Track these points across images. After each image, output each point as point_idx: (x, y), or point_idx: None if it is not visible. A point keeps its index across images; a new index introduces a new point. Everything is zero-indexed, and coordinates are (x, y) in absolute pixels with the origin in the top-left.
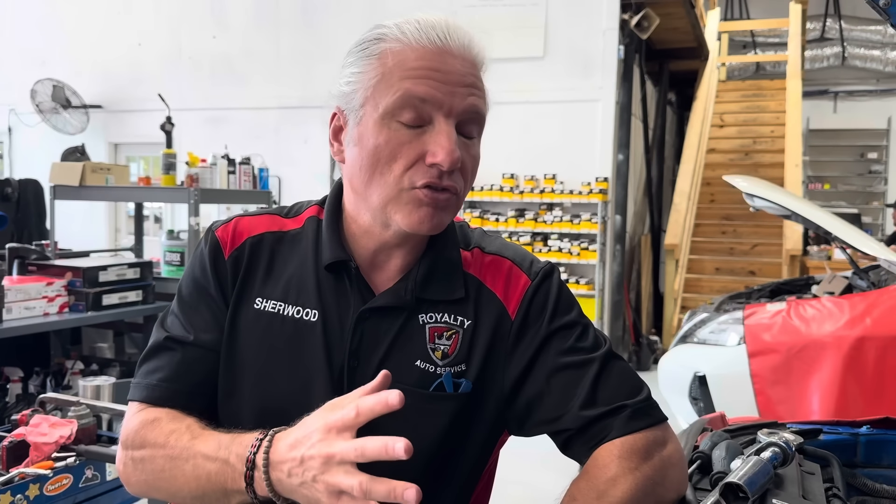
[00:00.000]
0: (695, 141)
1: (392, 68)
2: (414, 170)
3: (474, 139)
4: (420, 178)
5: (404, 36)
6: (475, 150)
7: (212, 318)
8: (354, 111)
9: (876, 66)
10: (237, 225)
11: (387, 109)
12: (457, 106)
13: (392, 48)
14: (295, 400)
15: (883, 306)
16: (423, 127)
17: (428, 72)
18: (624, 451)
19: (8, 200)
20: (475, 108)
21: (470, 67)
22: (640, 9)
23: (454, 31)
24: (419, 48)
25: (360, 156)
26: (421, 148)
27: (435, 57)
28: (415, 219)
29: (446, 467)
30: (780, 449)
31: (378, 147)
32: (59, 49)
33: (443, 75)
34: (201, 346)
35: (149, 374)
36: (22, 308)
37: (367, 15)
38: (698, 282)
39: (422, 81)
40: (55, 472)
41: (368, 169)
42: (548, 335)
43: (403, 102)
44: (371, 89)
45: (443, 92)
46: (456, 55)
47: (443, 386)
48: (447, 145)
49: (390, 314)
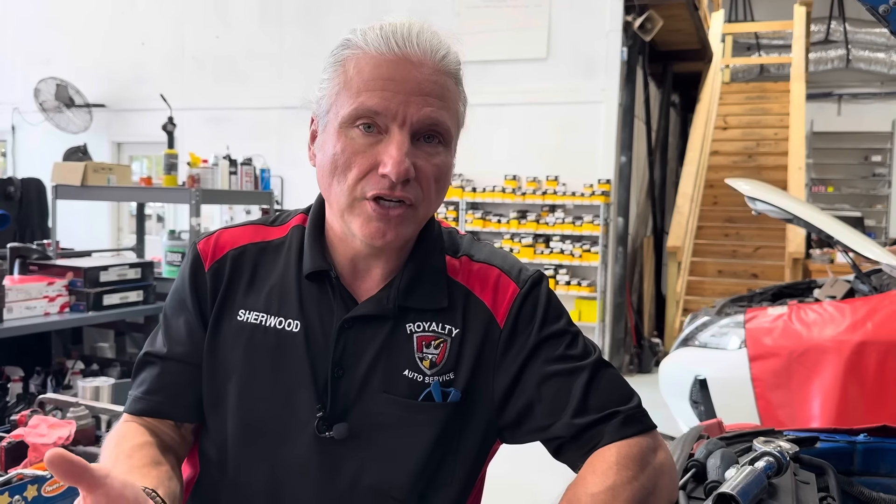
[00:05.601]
0: (698, 143)
1: (351, 77)
2: (366, 179)
3: (439, 147)
4: (371, 188)
5: (365, 43)
6: (440, 159)
7: (186, 331)
8: (322, 117)
9: (880, 68)
10: (219, 238)
11: (343, 119)
12: (411, 116)
13: (353, 55)
14: (278, 411)
15: (885, 311)
16: (379, 135)
17: (383, 82)
18: (621, 458)
19: (10, 199)
20: (432, 117)
21: (431, 74)
22: (643, 10)
23: (417, 37)
24: (376, 56)
25: (322, 162)
26: (374, 157)
27: (391, 66)
28: (367, 232)
29: (437, 477)
30: (775, 458)
31: (335, 155)
32: (63, 48)
33: (397, 84)
34: (175, 360)
35: (135, 388)
36: (23, 308)
37: (371, 15)
38: (700, 284)
39: (376, 93)
40: None
41: (328, 176)
42: (537, 343)
43: (358, 114)
44: (334, 97)
45: (396, 102)
46: (415, 62)
47: (431, 395)
48: (396, 156)
49: (374, 323)
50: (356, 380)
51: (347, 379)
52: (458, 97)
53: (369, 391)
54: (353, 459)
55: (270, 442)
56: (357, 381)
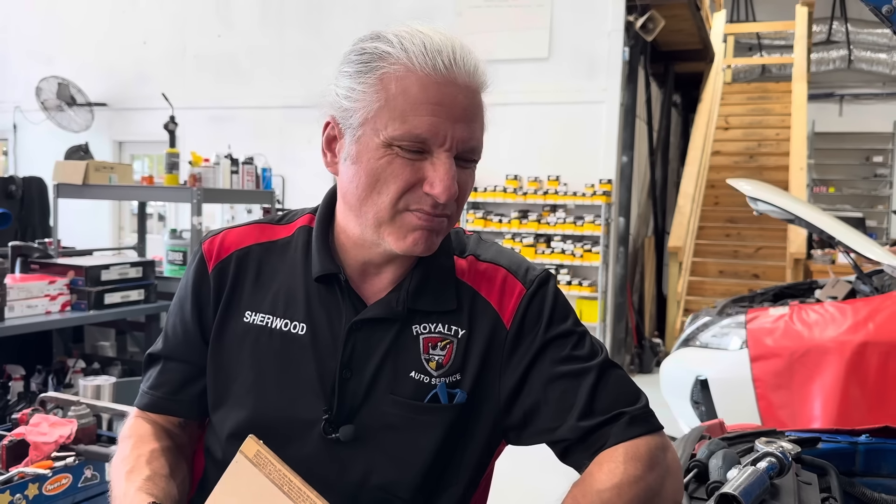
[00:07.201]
0: (699, 143)
1: (395, 96)
2: (410, 194)
3: (472, 165)
4: (415, 203)
5: (408, 59)
6: (470, 175)
7: (182, 331)
8: (352, 128)
9: (882, 69)
10: (224, 238)
11: (388, 138)
12: (457, 141)
13: (396, 73)
14: (284, 412)
15: (886, 311)
16: (422, 153)
17: (431, 107)
18: (628, 457)
19: (12, 198)
20: (472, 143)
21: (473, 97)
22: (645, 10)
23: (460, 58)
24: (423, 76)
25: (358, 174)
26: (419, 174)
27: (440, 89)
28: (408, 241)
29: (443, 479)
30: (777, 459)
31: (377, 170)
32: (65, 47)
33: (446, 110)
34: (172, 359)
35: (143, 383)
36: (24, 306)
37: (373, 14)
38: (702, 284)
39: (424, 119)
40: (54, 472)
41: (365, 188)
42: (543, 344)
43: (405, 136)
44: (373, 112)
45: (444, 128)
46: (461, 85)
47: (438, 397)
48: (446, 180)
49: (382, 325)
50: (363, 382)
51: (355, 381)
52: (485, 111)
53: (376, 393)
54: (360, 460)
55: (276, 443)
56: (364, 383)
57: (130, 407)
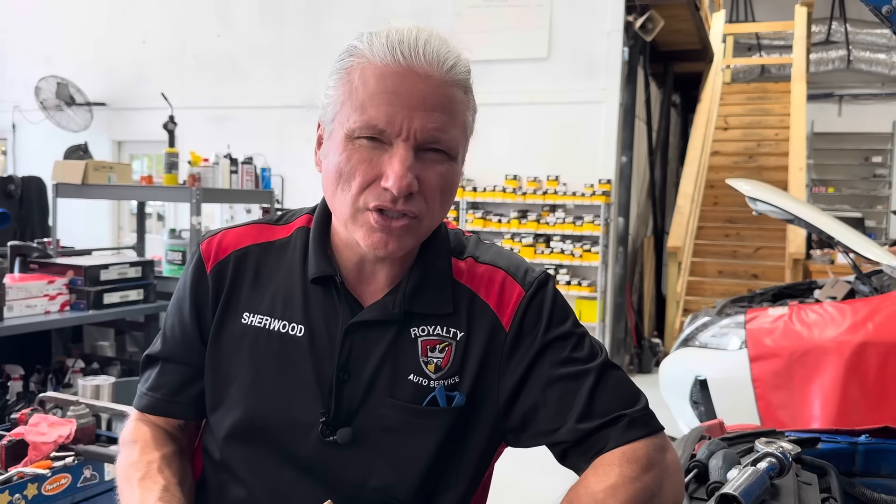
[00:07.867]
0: (699, 143)
1: (356, 88)
2: (369, 190)
3: (444, 158)
4: (373, 199)
5: (371, 52)
6: (445, 169)
7: (180, 332)
8: (328, 125)
9: (881, 69)
10: (223, 239)
11: (348, 130)
12: (415, 131)
13: (359, 64)
14: (282, 414)
15: (885, 312)
16: (384, 145)
17: (387, 96)
18: (625, 460)
19: (11, 198)
20: (436, 133)
21: (438, 87)
22: (644, 10)
23: (424, 47)
24: (382, 67)
25: (327, 170)
26: (378, 168)
27: (396, 78)
28: (370, 242)
29: (442, 481)
30: (777, 459)
31: (340, 163)
32: (64, 46)
33: (402, 98)
34: (170, 360)
35: (141, 384)
36: (23, 306)
37: (372, 14)
38: (701, 285)
39: (381, 108)
40: (53, 472)
41: (332, 184)
42: (543, 346)
43: (363, 127)
44: (339, 106)
45: (400, 117)
46: (421, 74)
47: (436, 400)
48: (398, 170)
49: (379, 328)
50: (361, 384)
51: (352, 383)
52: (467, 107)
53: (374, 396)
54: (358, 463)
55: (274, 444)
56: (362, 386)
57: (129, 407)
